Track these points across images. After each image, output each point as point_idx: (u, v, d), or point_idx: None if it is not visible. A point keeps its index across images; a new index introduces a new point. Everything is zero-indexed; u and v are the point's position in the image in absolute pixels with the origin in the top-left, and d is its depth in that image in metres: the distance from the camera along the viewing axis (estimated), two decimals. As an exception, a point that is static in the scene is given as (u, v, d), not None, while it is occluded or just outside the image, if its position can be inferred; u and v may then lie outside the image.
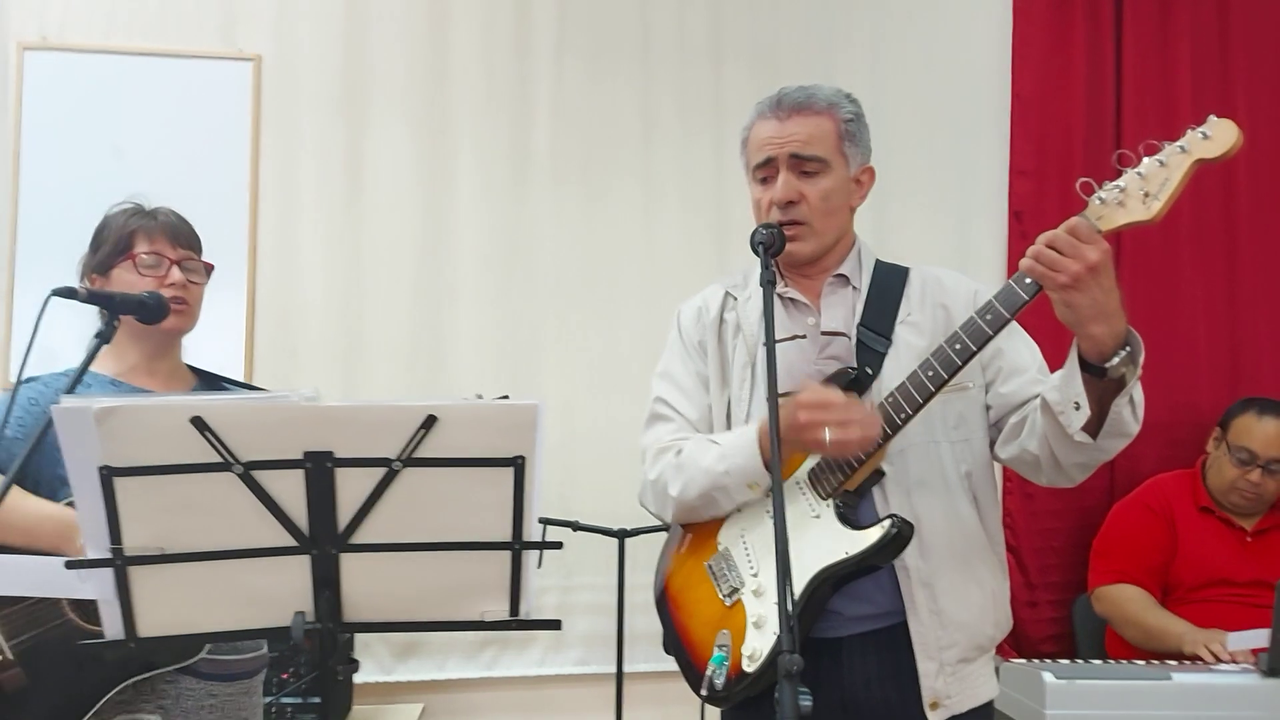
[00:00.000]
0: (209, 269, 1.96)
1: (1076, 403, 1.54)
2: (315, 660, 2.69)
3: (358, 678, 2.95)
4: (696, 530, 1.84)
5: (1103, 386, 1.54)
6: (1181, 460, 3.10)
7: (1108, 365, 1.51)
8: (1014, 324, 1.70)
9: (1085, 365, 1.54)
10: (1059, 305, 1.52)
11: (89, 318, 1.77)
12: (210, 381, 2.02)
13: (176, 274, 1.87)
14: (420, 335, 3.15)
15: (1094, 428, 1.57)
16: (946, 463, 1.75)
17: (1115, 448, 1.61)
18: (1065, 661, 2.32)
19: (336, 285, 3.12)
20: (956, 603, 1.71)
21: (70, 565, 1.32)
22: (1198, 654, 2.51)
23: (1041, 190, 3.28)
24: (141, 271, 1.85)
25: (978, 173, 3.38)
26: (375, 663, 3.06)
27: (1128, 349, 1.52)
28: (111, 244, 1.87)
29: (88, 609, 1.70)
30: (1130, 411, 1.56)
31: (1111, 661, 2.48)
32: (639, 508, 1.90)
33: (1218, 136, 1.48)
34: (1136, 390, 1.56)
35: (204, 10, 3.12)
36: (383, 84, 3.18)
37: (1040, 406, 1.63)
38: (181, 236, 1.91)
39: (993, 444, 1.80)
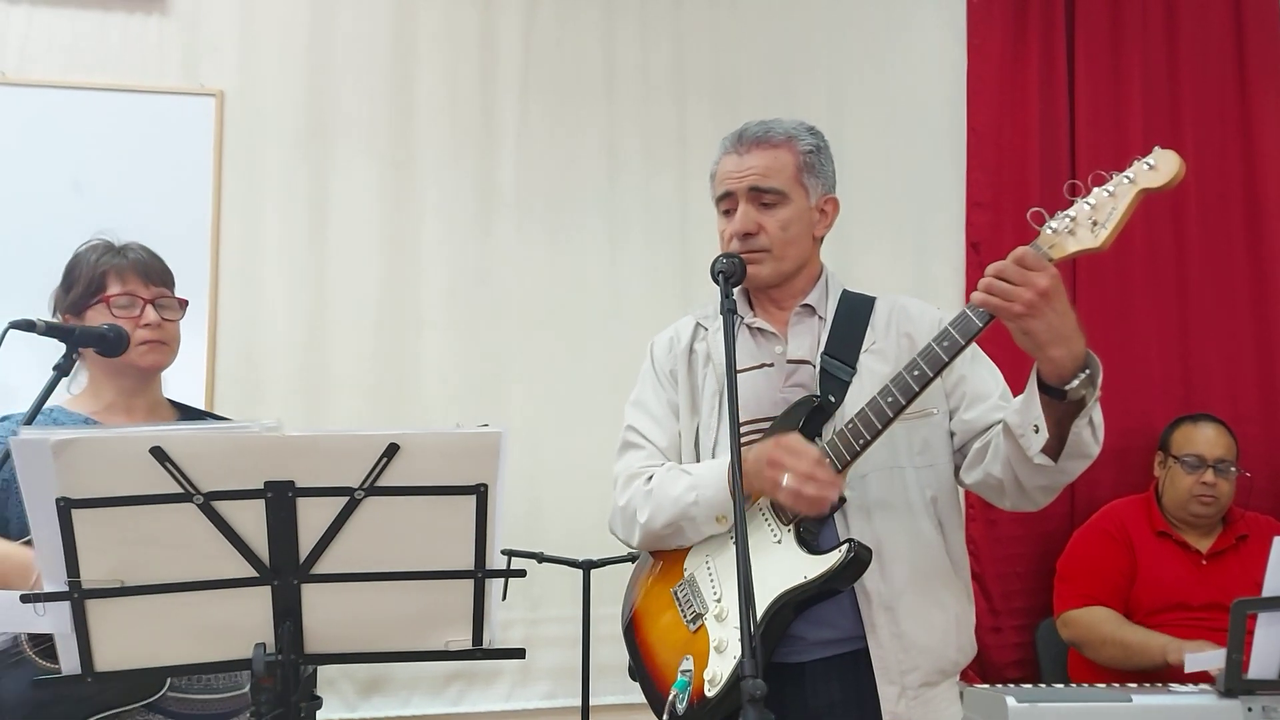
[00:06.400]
0: (184, 304, 1.96)
1: (1035, 425, 1.56)
2: (277, 697, 2.65)
3: (321, 715, 2.89)
4: (667, 557, 1.85)
5: (1063, 409, 1.56)
6: (1137, 485, 3.14)
7: (1067, 388, 1.54)
8: (977, 350, 1.73)
9: (1046, 388, 1.56)
10: (1017, 333, 1.54)
11: (47, 351, 1.75)
12: (192, 416, 2.00)
13: (151, 314, 1.87)
14: (384, 370, 3.13)
15: (1055, 450, 1.59)
16: (910, 487, 1.77)
17: (1077, 469, 1.63)
18: (1028, 686, 2.33)
19: (300, 320, 3.10)
20: (918, 626, 1.72)
21: (25, 599, 1.31)
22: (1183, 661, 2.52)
23: (998, 222, 3.34)
24: (115, 313, 1.84)
25: (935, 205, 3.43)
26: (339, 699, 3.02)
27: (1087, 371, 1.54)
28: (84, 285, 1.86)
29: (48, 646, 1.66)
30: (1090, 433, 1.59)
31: (1074, 685, 2.49)
32: (604, 539, 1.91)
33: (1162, 166, 1.53)
34: (1096, 412, 1.58)
35: (166, 45, 3.11)
36: (347, 119, 3.18)
37: (1002, 430, 1.65)
38: (154, 273, 1.91)
39: (958, 470, 1.82)
